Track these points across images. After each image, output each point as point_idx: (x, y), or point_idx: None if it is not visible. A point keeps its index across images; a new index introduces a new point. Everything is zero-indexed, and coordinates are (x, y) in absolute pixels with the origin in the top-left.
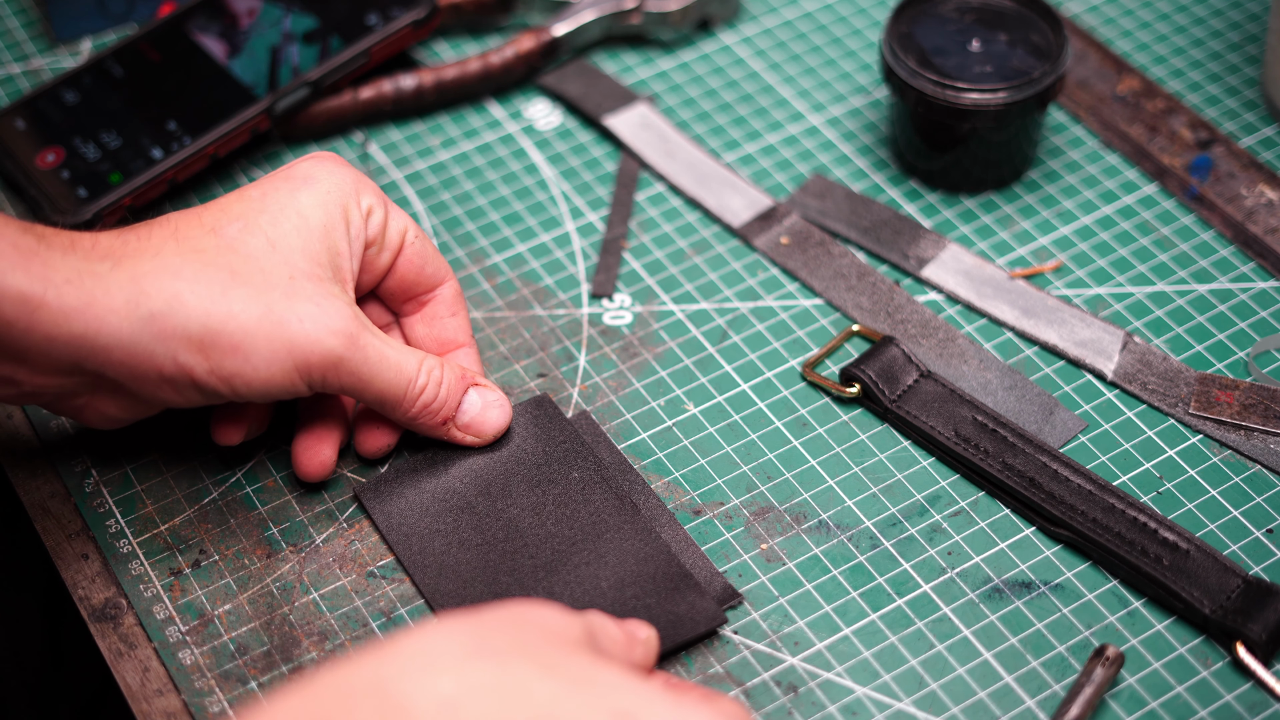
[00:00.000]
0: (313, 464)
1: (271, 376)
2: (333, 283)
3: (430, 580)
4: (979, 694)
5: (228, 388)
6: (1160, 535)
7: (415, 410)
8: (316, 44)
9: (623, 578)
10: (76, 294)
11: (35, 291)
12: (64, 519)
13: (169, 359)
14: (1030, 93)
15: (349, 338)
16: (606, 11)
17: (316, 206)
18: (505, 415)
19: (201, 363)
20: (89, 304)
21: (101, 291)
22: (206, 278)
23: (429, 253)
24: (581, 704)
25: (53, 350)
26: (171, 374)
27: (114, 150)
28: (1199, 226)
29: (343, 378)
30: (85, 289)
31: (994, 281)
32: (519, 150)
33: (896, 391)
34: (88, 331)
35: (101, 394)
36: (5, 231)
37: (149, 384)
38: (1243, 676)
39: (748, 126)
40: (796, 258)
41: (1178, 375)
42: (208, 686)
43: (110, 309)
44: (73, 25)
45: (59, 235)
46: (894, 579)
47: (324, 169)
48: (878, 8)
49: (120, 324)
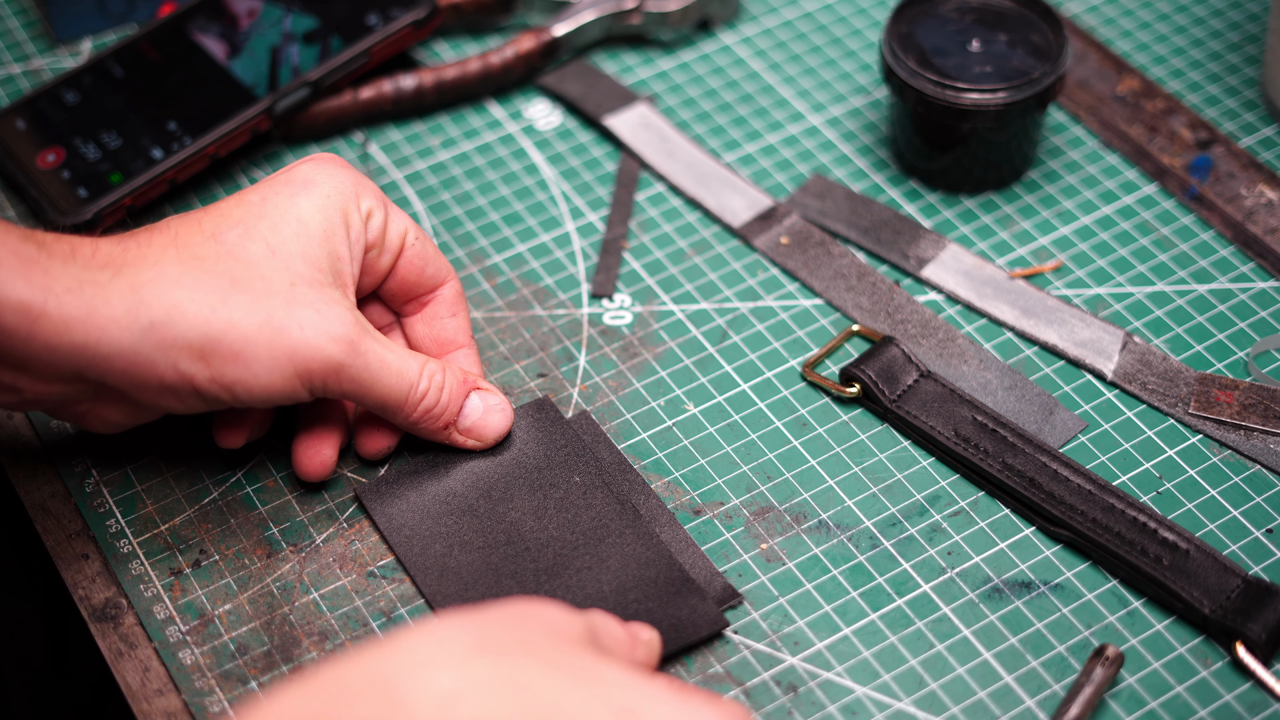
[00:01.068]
0: (313, 464)
1: (273, 383)
2: (333, 288)
3: (431, 581)
4: (979, 694)
5: (229, 395)
6: (1160, 535)
7: (417, 415)
8: (316, 44)
9: (624, 582)
10: (77, 303)
11: (36, 301)
12: (64, 519)
13: (170, 368)
14: (1030, 93)
15: (350, 344)
16: (606, 11)
17: (316, 211)
18: (507, 419)
19: (203, 371)
20: (90, 314)
21: (102, 301)
22: (206, 286)
23: (429, 254)
24: (585, 700)
25: (54, 359)
26: (173, 382)
27: (114, 150)
28: (1199, 226)
29: (344, 384)
30: (86, 298)
31: (994, 281)
32: (519, 150)
33: (896, 391)
34: (88, 341)
35: (103, 401)
36: (6, 239)
37: (150, 392)
38: (1242, 676)
39: (748, 126)
40: (796, 258)
41: (1177, 375)
42: (208, 686)
43: (111, 318)
44: (73, 25)
45: (60, 242)
46: (894, 579)
47: (324, 172)
48: (878, 8)
49: (121, 333)
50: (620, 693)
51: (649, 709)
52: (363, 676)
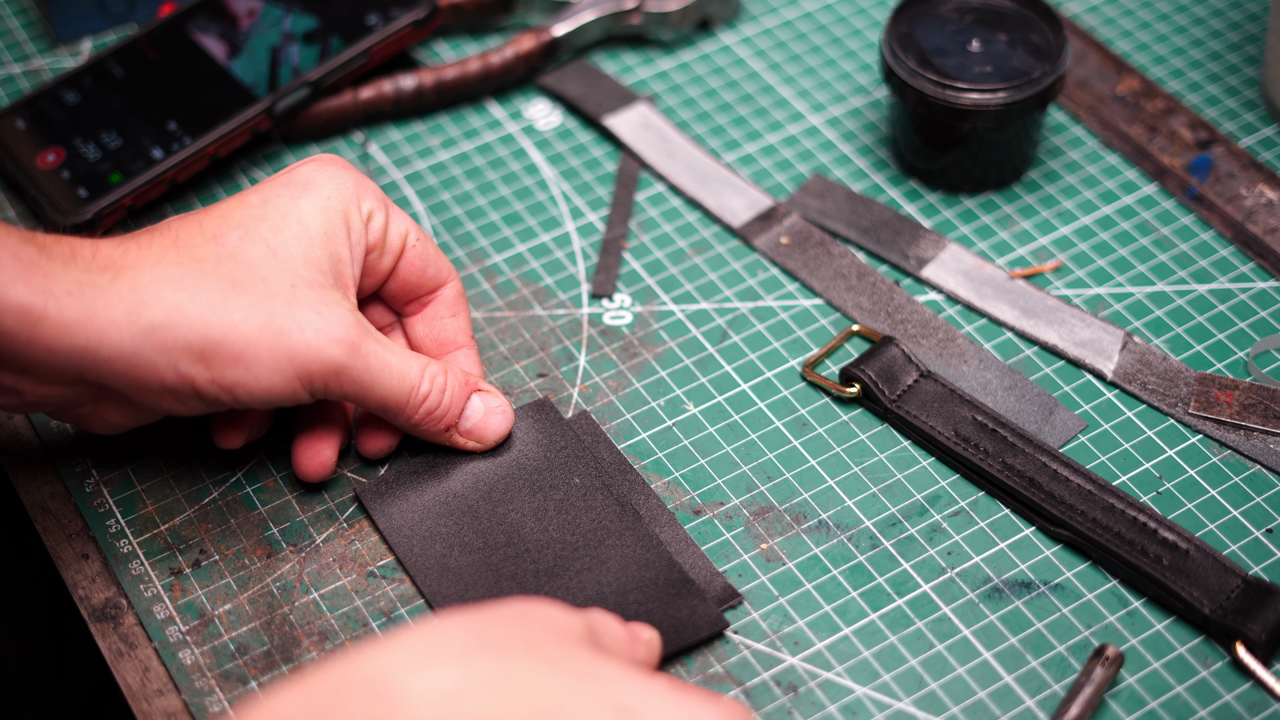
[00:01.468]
0: (313, 464)
1: (273, 385)
2: (334, 289)
3: (431, 582)
4: (979, 694)
5: (230, 396)
6: (1160, 535)
7: (419, 416)
8: (317, 44)
9: (624, 583)
10: (77, 306)
11: (37, 304)
12: (64, 519)
13: (171, 369)
14: (1030, 93)
15: (350, 346)
16: (606, 11)
17: (317, 213)
18: (507, 421)
19: (203, 373)
20: (90, 316)
21: (103, 303)
22: (207, 287)
23: (431, 254)
24: (584, 699)
25: (54, 362)
26: (173, 384)
27: (114, 150)
28: (1199, 226)
29: (345, 386)
30: (86, 301)
31: (994, 281)
32: (519, 150)
33: (896, 391)
34: (89, 344)
35: (104, 403)
36: (6, 242)
37: (151, 394)
38: (1242, 676)
39: (748, 126)
40: (796, 258)
41: (1177, 375)
42: (208, 686)
43: (111, 321)
44: (73, 25)
45: (60, 245)
46: (894, 579)
47: (325, 174)
48: (878, 8)
49: (121, 336)
50: (619, 691)
51: (648, 707)
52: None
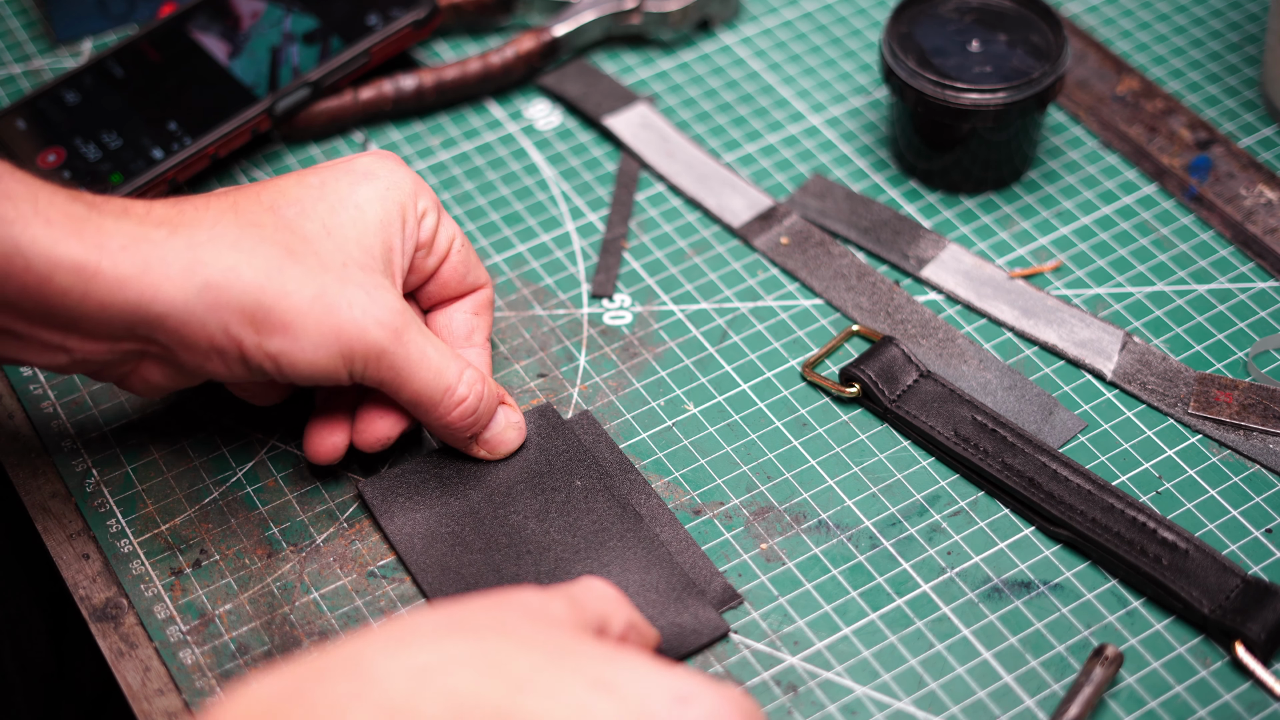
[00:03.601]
0: (324, 446)
1: (316, 360)
2: (384, 276)
3: (432, 580)
4: (978, 693)
5: (274, 365)
6: (1159, 535)
7: (453, 417)
8: (317, 44)
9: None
10: (132, 260)
11: (91, 260)
12: (65, 519)
13: (221, 329)
14: (1030, 93)
15: (395, 331)
16: (606, 11)
17: (375, 201)
18: (521, 437)
19: (251, 336)
20: (144, 270)
21: (157, 258)
22: (263, 253)
23: (472, 262)
24: (560, 673)
25: (106, 317)
26: (221, 344)
27: (115, 150)
28: (1198, 226)
29: (383, 371)
30: (141, 254)
31: (994, 281)
32: (519, 150)
33: (896, 391)
34: (142, 299)
35: (148, 361)
36: (55, 200)
37: (198, 353)
38: (1242, 676)
39: (748, 126)
40: (796, 258)
41: (1177, 375)
42: (208, 686)
43: (166, 275)
44: (73, 26)
45: (109, 202)
46: (894, 579)
47: (385, 167)
48: (878, 8)
49: (175, 291)
50: (596, 665)
51: (625, 680)
52: (338, 658)
